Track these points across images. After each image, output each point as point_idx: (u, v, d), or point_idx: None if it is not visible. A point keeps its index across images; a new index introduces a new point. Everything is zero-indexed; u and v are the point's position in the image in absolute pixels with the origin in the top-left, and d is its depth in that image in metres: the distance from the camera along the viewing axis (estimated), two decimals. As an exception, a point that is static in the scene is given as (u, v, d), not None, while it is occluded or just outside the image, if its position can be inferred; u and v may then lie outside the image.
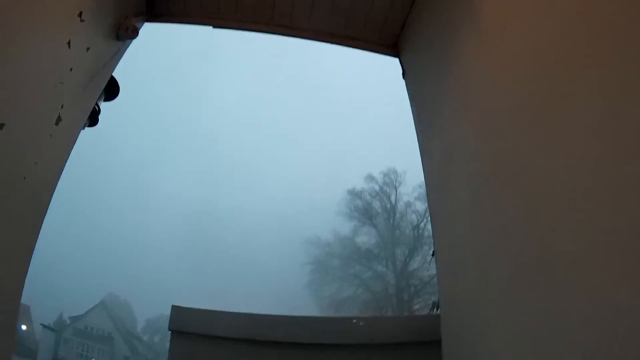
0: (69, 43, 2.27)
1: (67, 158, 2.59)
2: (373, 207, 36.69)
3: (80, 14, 2.30)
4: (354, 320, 4.33)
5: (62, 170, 2.56)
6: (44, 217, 2.42)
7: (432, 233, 3.53)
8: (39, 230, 2.38)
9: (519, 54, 2.14)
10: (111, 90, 3.08)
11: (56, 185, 2.51)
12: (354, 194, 37.13)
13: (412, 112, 3.77)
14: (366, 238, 36.14)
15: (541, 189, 1.84)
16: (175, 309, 4.66)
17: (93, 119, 2.95)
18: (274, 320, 4.43)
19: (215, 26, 3.79)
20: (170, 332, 4.62)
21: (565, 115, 1.69)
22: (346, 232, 36.99)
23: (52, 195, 2.48)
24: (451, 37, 3.03)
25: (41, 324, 56.13)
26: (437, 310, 4.78)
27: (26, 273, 2.30)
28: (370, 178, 37.10)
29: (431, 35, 3.47)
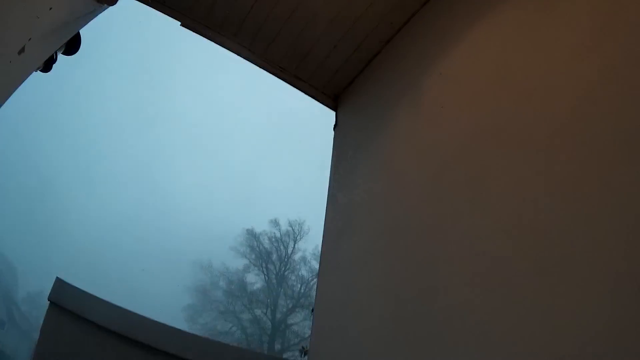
0: (57, -18, 2.41)
1: (15, 90, 2.65)
2: (269, 252, 36.64)
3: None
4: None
5: (7, 99, 2.61)
6: None
7: (318, 281, 3.79)
8: None
9: (452, 128, 2.56)
10: (73, 45, 3.17)
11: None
12: (252, 234, 37.02)
13: (331, 162, 4.10)
14: (254, 279, 35.93)
15: (432, 252, 2.20)
16: (59, 282, 4.61)
17: (47, 66, 3.02)
18: (149, 323, 4.49)
19: (183, 24, 3.99)
20: (48, 302, 4.55)
21: (478, 190, 2.08)
22: (237, 267, 36.66)
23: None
24: (390, 104, 3.45)
25: None
26: (305, 356, 4.99)
27: None
28: (274, 222, 37.15)
29: (372, 98, 3.88)
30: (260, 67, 4.35)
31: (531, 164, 1.87)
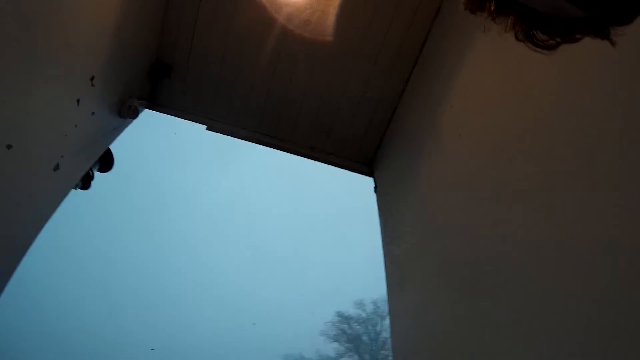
0: (78, 101, 2.65)
1: (57, 206, 2.82)
2: (359, 334, 35.57)
3: (92, 78, 2.71)
4: None
5: (50, 216, 2.77)
6: (26, 250, 2.57)
7: (390, 335, 3.62)
8: (21, 259, 2.52)
9: (471, 152, 2.55)
10: (106, 162, 3.40)
11: (41, 229, 2.70)
12: (343, 317, 36.30)
13: (380, 222, 4.07)
14: None
15: (487, 284, 2.11)
16: None
17: (85, 183, 3.23)
18: None
19: (208, 128, 4.23)
20: None
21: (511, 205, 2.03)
22: (329, 354, 35.77)
23: (37, 235, 2.67)
24: (418, 150, 3.48)
25: None
26: None
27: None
28: (360, 304, 36.28)
29: (401, 150, 3.92)
30: (290, 152, 4.49)
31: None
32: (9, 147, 2.10)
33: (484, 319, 2.08)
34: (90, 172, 3.20)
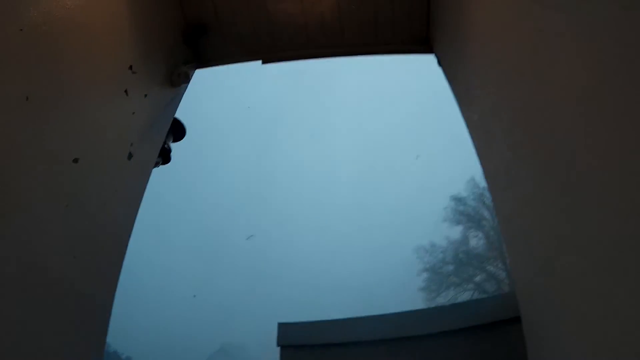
0: (126, 91, 2.77)
1: (144, 189, 3.06)
2: (478, 210, 35.49)
3: (130, 67, 2.81)
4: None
5: (141, 200, 3.03)
6: (126, 246, 2.85)
7: (493, 202, 3.55)
8: (122, 260, 2.80)
9: None
10: (178, 131, 3.58)
11: (136, 214, 2.97)
12: (458, 199, 36.39)
13: (452, 92, 3.88)
14: (475, 241, 35.23)
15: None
16: (283, 326, 4.96)
17: (165, 157, 3.45)
18: (377, 319, 4.54)
19: (264, 62, 4.22)
20: (279, 347, 4.89)
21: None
22: (456, 237, 36.46)
23: (134, 222, 2.94)
24: (475, 12, 3.19)
25: None
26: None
27: (111, 303, 2.70)
28: (471, 182, 35.93)
29: (455, 19, 3.63)
30: (345, 55, 4.37)
31: None
32: (75, 160, 2.29)
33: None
34: (165, 146, 3.40)
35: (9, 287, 1.90)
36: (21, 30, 1.94)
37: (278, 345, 4.82)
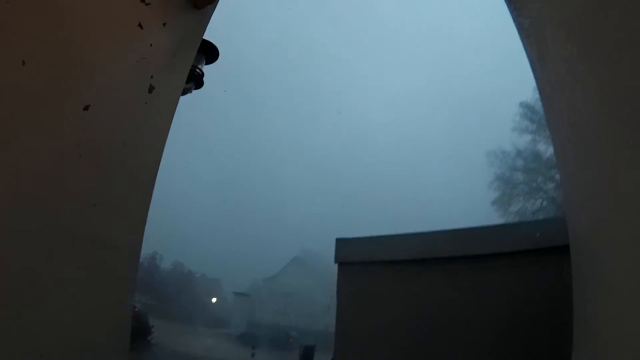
0: (140, 25, 2.72)
1: (170, 119, 3.10)
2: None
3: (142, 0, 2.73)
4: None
5: (169, 128, 3.09)
6: (154, 180, 2.95)
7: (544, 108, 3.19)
8: (150, 197, 2.90)
9: None
10: (210, 53, 3.51)
11: (163, 146, 3.04)
12: (527, 106, 33.87)
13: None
14: (544, 147, 33.14)
15: None
16: (340, 242, 5.04)
17: (198, 82, 3.44)
18: (436, 237, 4.50)
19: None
20: (337, 264, 5.00)
21: None
22: (526, 145, 34.67)
23: (161, 154, 3.02)
24: None
25: (233, 292, 62.39)
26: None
27: (143, 231, 2.84)
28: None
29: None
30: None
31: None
32: (86, 108, 2.36)
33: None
34: (196, 71, 3.36)
35: (33, 242, 2.09)
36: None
37: (336, 262, 4.94)
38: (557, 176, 31.70)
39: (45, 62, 2.14)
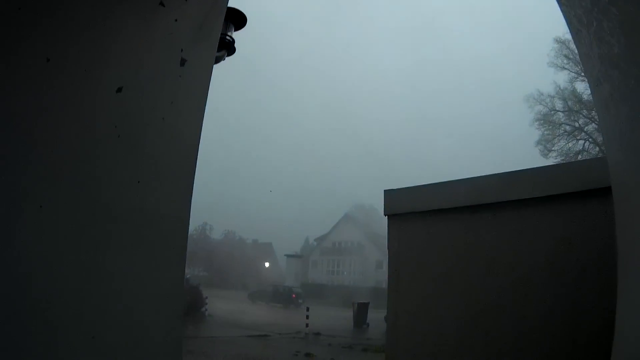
0: (161, 3, 2.71)
1: (208, 87, 3.10)
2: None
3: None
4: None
5: (206, 100, 3.10)
6: (197, 150, 2.97)
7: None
8: (194, 168, 2.92)
9: None
10: (237, 19, 3.49)
11: (203, 113, 3.07)
12: (561, 41, 32.25)
13: None
14: (583, 86, 31.67)
15: None
16: (388, 193, 4.98)
17: (229, 49, 3.43)
18: (482, 182, 4.38)
19: None
20: (387, 217, 4.95)
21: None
22: (565, 84, 33.29)
23: (201, 125, 3.04)
24: None
25: (285, 255, 63.00)
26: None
27: (190, 200, 2.86)
28: None
29: None
30: None
31: None
32: (119, 90, 2.40)
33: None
34: (226, 38, 3.35)
35: (77, 223, 2.18)
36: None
37: (385, 214, 4.87)
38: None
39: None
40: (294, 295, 49.00)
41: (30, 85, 2.03)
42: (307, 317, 24.70)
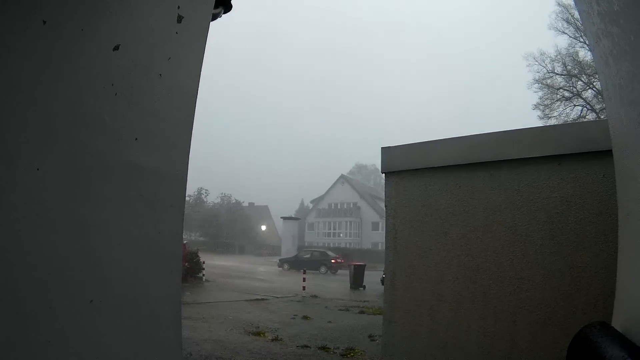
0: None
1: (204, 43, 3.04)
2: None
3: None
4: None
5: (202, 57, 3.04)
6: (194, 107, 2.94)
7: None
8: (193, 119, 2.92)
9: None
10: (234, -23, 3.38)
11: (200, 70, 3.01)
12: (563, 5, 31.82)
13: None
14: (584, 52, 31.35)
15: None
16: (386, 150, 4.94)
17: (226, 6, 3.35)
18: (480, 140, 4.34)
19: None
20: (384, 175, 4.93)
21: None
22: (561, 47, 33.08)
23: (199, 81, 3.00)
24: None
25: (281, 217, 62.80)
26: None
27: (187, 158, 2.85)
28: None
29: None
30: None
31: None
32: (116, 48, 2.36)
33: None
34: (223, -5, 3.25)
35: (74, 178, 2.16)
36: None
37: (382, 171, 4.84)
38: (596, 83, 30.46)
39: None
40: (334, 261, 44.92)
41: (27, 50, 1.98)
42: (304, 279, 24.93)
